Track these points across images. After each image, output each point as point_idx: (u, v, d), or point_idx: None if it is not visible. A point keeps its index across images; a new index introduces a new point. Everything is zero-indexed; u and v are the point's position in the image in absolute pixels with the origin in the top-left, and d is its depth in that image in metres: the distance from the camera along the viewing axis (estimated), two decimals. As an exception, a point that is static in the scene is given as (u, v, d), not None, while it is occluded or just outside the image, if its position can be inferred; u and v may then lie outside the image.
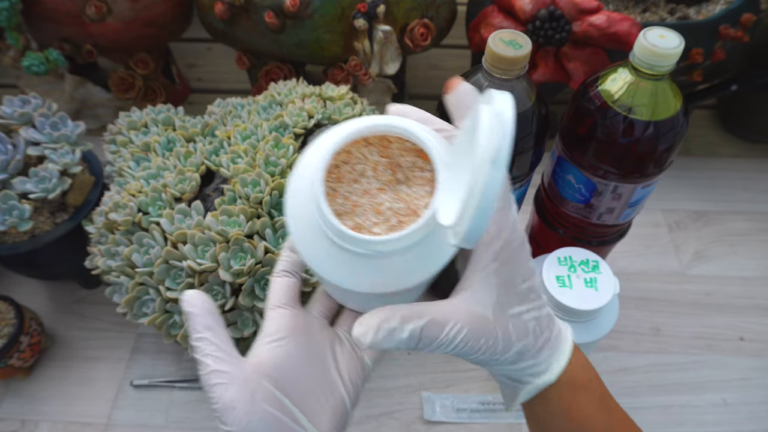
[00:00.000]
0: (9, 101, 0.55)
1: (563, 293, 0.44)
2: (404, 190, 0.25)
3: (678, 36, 0.38)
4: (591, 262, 0.46)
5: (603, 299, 0.44)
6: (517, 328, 0.26)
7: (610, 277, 0.45)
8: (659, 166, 0.43)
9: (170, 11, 0.71)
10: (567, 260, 0.46)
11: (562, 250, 0.47)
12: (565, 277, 0.45)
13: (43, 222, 0.53)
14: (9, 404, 0.56)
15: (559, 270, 0.46)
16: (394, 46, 0.67)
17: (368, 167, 0.25)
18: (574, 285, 0.45)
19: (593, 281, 0.45)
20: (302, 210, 0.24)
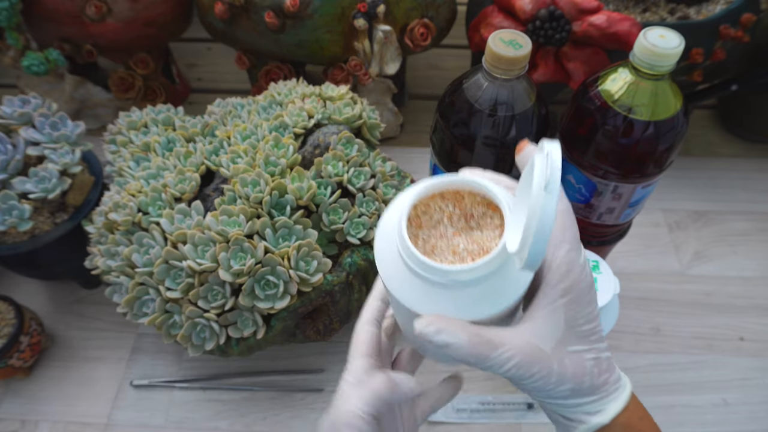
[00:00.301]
0: (9, 101, 0.55)
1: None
2: (477, 234, 0.28)
3: (678, 36, 0.38)
4: (591, 262, 0.46)
5: (603, 299, 0.44)
6: (574, 364, 0.27)
7: (610, 277, 0.45)
8: (659, 166, 0.43)
9: (170, 11, 0.71)
10: None
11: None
12: None
13: (42, 222, 0.53)
14: (9, 404, 0.56)
15: None
16: (394, 46, 0.67)
17: (444, 216, 0.29)
18: None
19: (594, 281, 0.45)
20: (388, 252, 0.28)
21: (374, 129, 0.59)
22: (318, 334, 0.52)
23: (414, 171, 0.63)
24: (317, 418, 0.55)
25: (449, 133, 0.44)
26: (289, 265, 0.46)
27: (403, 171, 0.57)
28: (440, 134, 0.45)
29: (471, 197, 0.29)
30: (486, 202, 0.29)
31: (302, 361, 0.58)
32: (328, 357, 0.59)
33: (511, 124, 0.42)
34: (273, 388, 0.57)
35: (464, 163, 0.45)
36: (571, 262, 0.27)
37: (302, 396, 0.56)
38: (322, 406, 0.55)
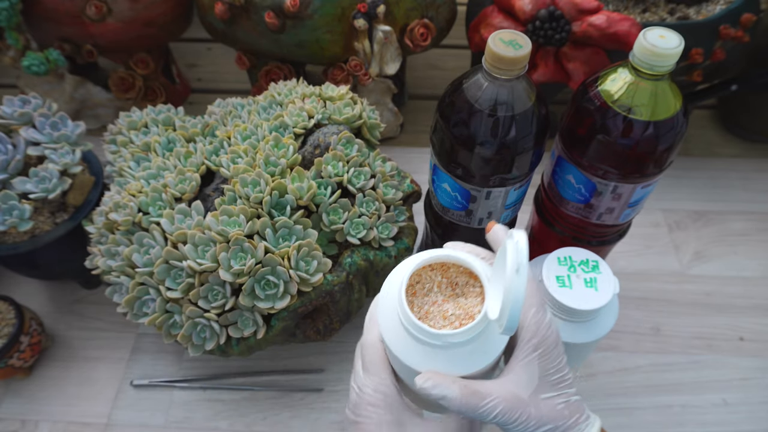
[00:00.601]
0: (9, 101, 0.55)
1: (563, 293, 0.44)
2: (462, 300, 0.34)
3: (678, 36, 0.38)
4: (591, 262, 0.46)
5: (603, 299, 0.44)
6: (549, 409, 0.32)
7: (610, 277, 0.45)
8: (659, 166, 0.43)
9: (170, 11, 0.71)
10: (567, 260, 0.46)
11: (561, 250, 0.47)
12: (564, 277, 0.45)
13: (43, 222, 0.53)
14: (9, 404, 0.56)
15: (559, 270, 0.46)
16: (394, 46, 0.67)
17: (435, 285, 0.35)
18: (574, 285, 0.45)
19: (593, 281, 0.45)
20: (390, 319, 0.33)
21: (374, 129, 0.59)
22: (318, 334, 0.52)
23: (414, 171, 0.63)
24: (317, 418, 0.55)
25: (449, 133, 0.44)
26: (289, 265, 0.46)
27: (403, 171, 0.57)
28: (440, 134, 0.45)
29: (455, 268, 0.35)
30: (468, 272, 0.35)
31: (302, 361, 0.58)
32: (328, 357, 0.59)
33: (511, 125, 0.42)
34: (273, 388, 0.57)
35: (464, 164, 0.45)
36: (538, 322, 0.32)
37: (302, 396, 0.56)
38: (322, 406, 0.55)
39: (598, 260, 0.46)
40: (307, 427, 0.54)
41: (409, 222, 0.56)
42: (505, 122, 0.42)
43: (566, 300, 0.44)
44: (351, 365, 0.58)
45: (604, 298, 0.44)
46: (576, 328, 0.45)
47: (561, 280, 0.45)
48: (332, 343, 0.59)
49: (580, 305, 0.44)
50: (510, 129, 0.42)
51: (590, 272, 0.45)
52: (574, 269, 0.46)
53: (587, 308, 0.43)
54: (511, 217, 0.54)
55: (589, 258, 0.46)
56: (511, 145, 0.43)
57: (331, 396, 0.56)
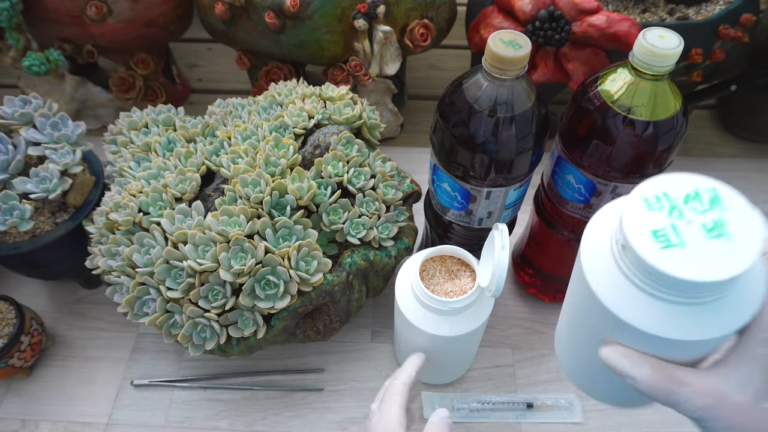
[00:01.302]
0: (9, 101, 0.55)
1: (671, 257, 0.25)
2: (457, 281, 0.48)
3: (677, 36, 0.38)
4: (705, 193, 0.27)
5: (747, 254, 0.25)
6: (761, 420, 0.26)
7: (749, 213, 0.27)
8: (659, 166, 0.43)
9: (170, 11, 0.71)
10: (662, 200, 0.27)
11: (647, 185, 0.27)
12: (668, 230, 0.26)
13: (43, 222, 0.54)
14: (9, 404, 0.56)
15: (653, 219, 0.26)
16: (394, 47, 0.67)
17: (436, 272, 0.49)
18: (686, 239, 0.25)
19: (720, 225, 0.26)
20: (406, 291, 0.49)
21: (374, 129, 0.59)
22: (318, 333, 0.52)
23: (414, 171, 0.63)
24: (317, 417, 0.55)
25: (449, 133, 0.44)
26: (290, 265, 0.46)
27: (403, 171, 0.58)
28: (440, 134, 0.45)
29: (450, 259, 0.50)
30: (461, 261, 0.50)
31: (302, 361, 0.58)
32: (328, 357, 0.59)
33: (510, 125, 0.42)
34: (273, 388, 0.57)
35: (464, 164, 0.45)
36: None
37: (302, 396, 0.56)
38: (322, 406, 0.56)
39: (715, 188, 0.27)
40: (307, 427, 0.54)
41: (409, 222, 0.56)
42: (505, 122, 0.42)
43: (681, 269, 0.24)
44: (351, 365, 0.58)
45: (747, 251, 0.25)
46: (703, 313, 0.26)
47: (663, 237, 0.26)
48: (332, 343, 0.59)
49: (708, 274, 0.24)
50: (510, 129, 0.42)
51: (710, 210, 0.26)
52: (680, 212, 0.26)
53: (724, 277, 0.24)
54: (511, 217, 0.54)
55: (699, 188, 0.27)
56: (511, 145, 0.43)
57: (331, 396, 0.56)
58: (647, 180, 0.27)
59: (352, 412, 0.55)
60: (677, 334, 0.25)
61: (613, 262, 0.27)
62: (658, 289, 0.25)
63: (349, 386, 0.57)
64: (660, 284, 0.25)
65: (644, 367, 0.26)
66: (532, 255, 0.60)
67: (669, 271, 0.24)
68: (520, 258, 0.62)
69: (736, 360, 0.26)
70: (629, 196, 0.27)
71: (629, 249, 0.25)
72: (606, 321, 0.27)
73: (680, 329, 0.25)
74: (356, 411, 0.55)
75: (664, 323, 0.25)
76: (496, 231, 0.44)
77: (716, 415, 0.26)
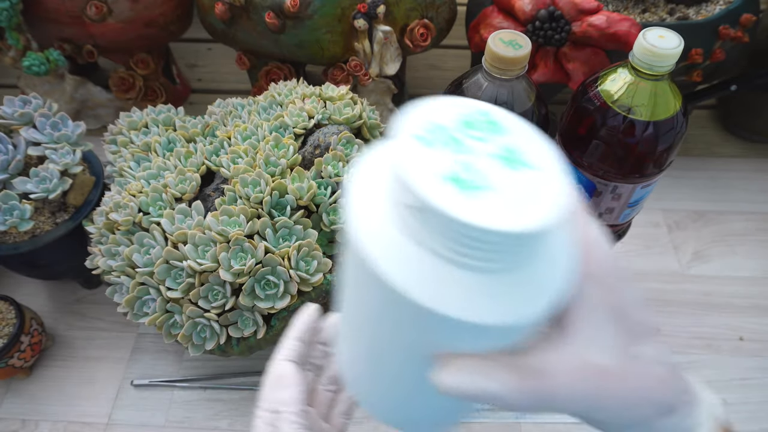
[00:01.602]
0: (9, 101, 0.55)
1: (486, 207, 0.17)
2: None
3: (677, 36, 0.38)
4: (481, 117, 0.20)
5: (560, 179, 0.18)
6: (643, 375, 0.20)
7: (531, 133, 0.20)
8: (659, 166, 0.43)
9: (170, 11, 0.71)
10: (437, 133, 0.19)
11: (413, 116, 0.19)
12: (462, 170, 0.18)
13: (43, 222, 0.54)
14: (9, 404, 0.56)
15: (437, 160, 0.18)
16: (394, 47, 0.67)
17: None
18: (489, 177, 0.18)
19: (516, 153, 0.19)
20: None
21: (374, 129, 0.59)
22: (318, 333, 0.52)
23: (414, 171, 0.63)
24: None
25: (449, 133, 0.44)
26: (290, 265, 0.46)
27: (403, 171, 0.57)
28: (440, 134, 0.45)
29: None
30: None
31: (302, 361, 0.58)
32: (329, 357, 0.59)
33: (510, 125, 0.42)
34: (273, 388, 0.57)
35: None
36: (595, 243, 0.20)
37: (302, 396, 0.56)
38: (323, 406, 0.56)
39: (488, 111, 0.20)
40: (307, 427, 0.54)
41: (409, 222, 0.56)
42: (505, 122, 0.42)
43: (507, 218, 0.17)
44: (351, 365, 0.58)
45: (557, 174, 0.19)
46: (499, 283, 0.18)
47: (460, 180, 0.18)
48: (332, 343, 0.59)
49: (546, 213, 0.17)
50: (510, 129, 0.42)
51: (495, 136, 0.19)
52: (465, 145, 0.19)
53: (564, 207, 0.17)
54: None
55: (474, 112, 0.20)
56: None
57: (331, 396, 0.56)
58: (407, 111, 0.19)
59: (352, 412, 0.55)
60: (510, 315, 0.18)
61: (409, 240, 0.18)
62: (486, 257, 0.17)
63: (349, 386, 0.57)
64: (488, 248, 0.17)
65: (502, 373, 0.18)
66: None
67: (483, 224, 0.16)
68: (520, 258, 0.62)
69: (576, 319, 0.20)
70: (393, 137, 0.18)
71: (428, 210, 0.16)
72: (422, 327, 0.19)
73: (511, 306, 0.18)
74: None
75: (489, 302, 0.18)
76: None
77: (597, 395, 0.19)
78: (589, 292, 0.20)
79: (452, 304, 0.17)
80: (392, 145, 0.18)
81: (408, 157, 0.17)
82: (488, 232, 0.16)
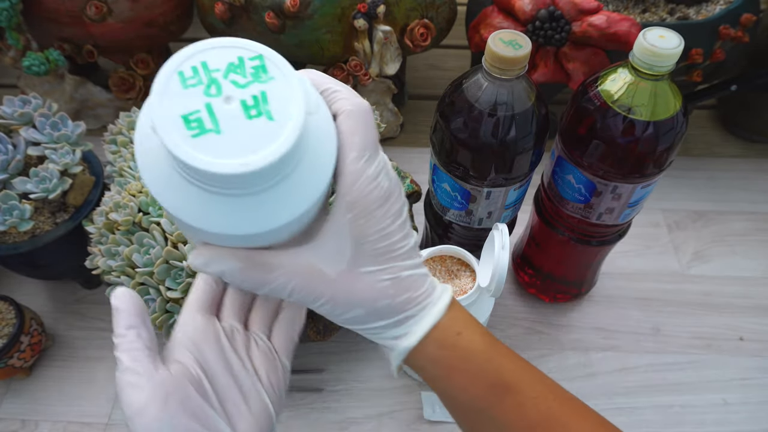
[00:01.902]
0: (9, 101, 0.55)
1: (204, 147, 0.20)
2: (457, 281, 0.49)
3: (678, 36, 0.38)
4: (250, 62, 0.22)
5: (286, 137, 0.21)
6: (366, 287, 0.25)
7: (293, 85, 0.22)
8: (659, 166, 0.43)
9: (170, 11, 0.71)
10: (200, 72, 0.21)
11: (186, 52, 0.22)
12: (203, 112, 0.21)
13: (43, 222, 0.54)
14: (9, 404, 0.56)
15: (186, 99, 0.21)
16: (394, 47, 0.67)
17: (436, 271, 0.49)
18: (222, 122, 0.21)
19: (261, 102, 0.21)
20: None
21: (374, 129, 0.59)
22: (318, 334, 0.52)
23: (414, 171, 0.63)
24: (317, 418, 0.55)
25: (449, 133, 0.44)
26: (290, 265, 0.46)
27: (403, 171, 0.58)
28: (440, 134, 0.45)
29: (450, 259, 0.50)
30: (461, 261, 0.50)
31: (302, 361, 0.58)
32: (328, 357, 0.59)
33: (510, 125, 0.42)
34: (273, 388, 0.57)
35: (464, 164, 0.45)
36: (357, 172, 0.24)
37: (302, 396, 0.56)
38: (322, 406, 0.56)
39: (262, 54, 0.22)
40: (307, 427, 0.54)
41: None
42: (505, 122, 0.42)
43: (215, 161, 0.20)
44: (351, 365, 0.58)
45: (287, 132, 0.21)
46: (268, 200, 0.22)
47: (195, 122, 0.21)
48: (332, 343, 0.59)
49: (246, 163, 0.20)
50: (510, 129, 0.42)
51: (253, 83, 0.21)
52: (219, 88, 0.21)
53: (261, 164, 0.20)
54: (511, 217, 0.54)
55: (244, 55, 0.22)
56: (511, 145, 0.43)
57: (331, 396, 0.56)
58: (186, 47, 0.22)
59: (352, 412, 0.55)
60: (247, 228, 0.23)
61: (160, 154, 0.22)
62: (209, 184, 0.21)
63: (349, 386, 0.57)
64: (205, 179, 0.21)
65: (231, 261, 0.24)
66: (532, 255, 0.60)
67: (199, 165, 0.20)
68: (520, 258, 0.62)
69: (327, 232, 0.25)
70: (162, 68, 0.21)
71: (161, 139, 0.20)
72: (179, 224, 0.24)
73: (248, 222, 0.22)
74: (356, 411, 0.55)
75: (230, 219, 0.22)
76: (496, 231, 0.44)
77: (310, 292, 0.25)
78: (341, 215, 0.25)
79: (202, 220, 0.22)
80: (157, 78, 0.21)
81: (160, 90, 0.21)
82: (196, 170, 0.20)
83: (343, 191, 0.24)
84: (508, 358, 0.29)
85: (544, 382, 0.30)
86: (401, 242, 0.26)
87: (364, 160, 0.24)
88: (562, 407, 0.29)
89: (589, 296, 0.63)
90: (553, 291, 0.61)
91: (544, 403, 0.28)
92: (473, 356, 0.28)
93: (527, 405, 0.28)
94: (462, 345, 0.28)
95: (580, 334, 0.61)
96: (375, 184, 0.24)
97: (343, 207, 0.24)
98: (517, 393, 0.28)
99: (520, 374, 0.29)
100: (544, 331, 0.61)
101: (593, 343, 0.60)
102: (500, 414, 0.28)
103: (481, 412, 0.28)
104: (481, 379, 0.28)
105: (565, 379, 0.57)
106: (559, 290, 0.61)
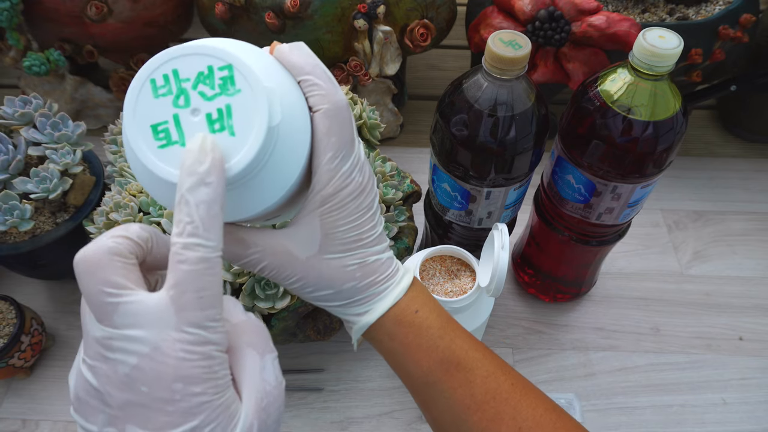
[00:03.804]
0: (10, 101, 0.55)
1: (168, 158, 0.22)
2: (457, 281, 0.48)
3: (677, 36, 0.38)
4: (219, 72, 0.22)
5: (245, 153, 0.22)
6: (333, 271, 0.28)
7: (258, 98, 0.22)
8: (658, 166, 0.43)
9: (170, 11, 0.71)
10: (171, 81, 0.22)
11: (159, 59, 0.23)
12: (170, 123, 0.22)
13: (44, 222, 0.54)
14: (10, 404, 0.56)
15: (157, 109, 0.22)
16: (394, 47, 0.67)
17: (436, 271, 0.49)
18: (188, 135, 0.22)
19: (225, 116, 0.22)
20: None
21: (374, 129, 0.59)
22: (318, 333, 0.52)
23: (414, 171, 0.63)
24: (317, 417, 0.55)
25: (449, 133, 0.44)
26: (290, 264, 0.46)
27: (403, 171, 0.58)
28: (440, 134, 0.45)
29: (450, 259, 0.49)
30: (460, 261, 0.49)
31: (302, 361, 0.58)
32: (328, 357, 0.59)
33: (510, 125, 0.42)
34: (273, 388, 0.57)
35: (464, 164, 0.45)
36: (332, 170, 0.26)
37: (302, 395, 0.56)
38: (322, 406, 0.56)
39: (231, 65, 0.22)
40: (307, 427, 0.54)
41: (409, 222, 0.56)
42: (505, 122, 0.42)
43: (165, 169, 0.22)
44: (351, 365, 0.58)
45: (246, 149, 0.22)
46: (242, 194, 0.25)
47: (163, 132, 0.22)
48: (332, 343, 0.59)
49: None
50: (510, 129, 0.42)
51: (220, 95, 0.22)
52: (187, 99, 0.22)
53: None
54: (511, 217, 0.54)
55: (214, 65, 0.22)
56: (511, 145, 0.43)
57: (330, 396, 0.56)
58: (160, 53, 0.22)
59: (352, 412, 0.55)
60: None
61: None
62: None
63: (349, 386, 0.57)
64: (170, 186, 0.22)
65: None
66: (532, 255, 0.60)
67: (163, 175, 0.22)
68: (520, 258, 0.62)
69: (300, 220, 0.27)
70: (138, 74, 0.22)
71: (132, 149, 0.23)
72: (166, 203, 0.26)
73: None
74: (356, 411, 0.55)
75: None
76: (496, 231, 0.44)
77: (282, 271, 0.27)
78: (314, 207, 0.27)
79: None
80: (130, 86, 0.22)
81: (132, 97, 0.22)
82: (159, 179, 0.22)
83: (318, 187, 0.27)
84: (462, 338, 0.31)
85: (496, 363, 0.31)
86: (370, 231, 0.29)
87: (339, 159, 0.26)
88: (513, 388, 0.30)
89: (589, 296, 0.63)
90: (553, 291, 0.61)
91: (494, 382, 0.30)
92: (427, 332, 0.30)
93: (476, 382, 0.30)
94: (417, 322, 0.30)
95: (580, 333, 0.61)
96: (349, 180, 0.27)
97: (317, 200, 0.27)
98: (467, 370, 0.30)
99: (472, 353, 0.31)
100: (544, 331, 0.61)
101: (593, 343, 0.60)
102: (449, 389, 0.30)
103: (432, 386, 0.30)
104: (433, 353, 0.30)
105: (565, 378, 0.57)
106: (559, 290, 0.61)
